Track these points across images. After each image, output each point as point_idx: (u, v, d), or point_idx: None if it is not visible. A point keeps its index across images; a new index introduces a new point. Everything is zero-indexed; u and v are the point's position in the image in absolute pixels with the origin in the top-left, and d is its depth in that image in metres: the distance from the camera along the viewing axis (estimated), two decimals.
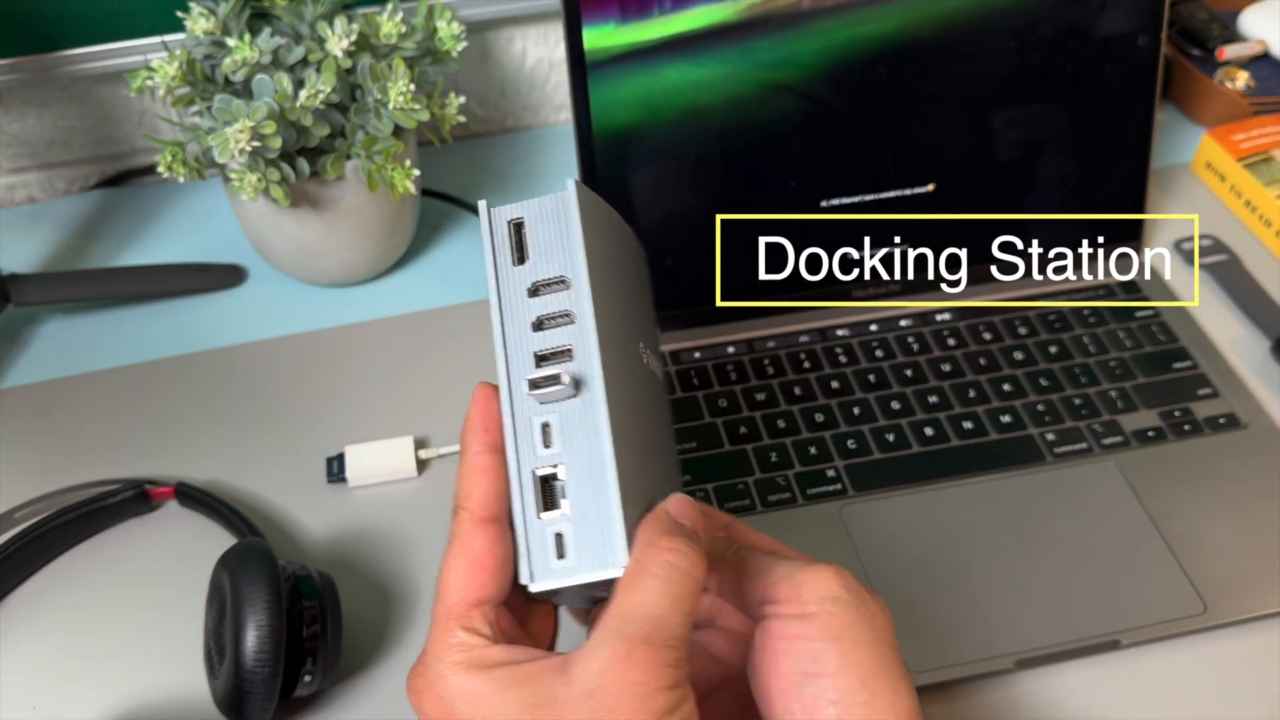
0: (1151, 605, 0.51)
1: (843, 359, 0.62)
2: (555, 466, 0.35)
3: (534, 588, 0.34)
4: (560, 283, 0.36)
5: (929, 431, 0.59)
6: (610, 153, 0.60)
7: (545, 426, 0.35)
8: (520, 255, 0.36)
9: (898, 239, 0.65)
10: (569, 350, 0.35)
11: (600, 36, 0.58)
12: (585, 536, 0.34)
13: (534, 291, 0.36)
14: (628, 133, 0.60)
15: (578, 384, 0.34)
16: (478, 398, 0.36)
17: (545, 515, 0.35)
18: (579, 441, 0.34)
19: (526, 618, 0.38)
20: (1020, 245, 0.66)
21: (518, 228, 0.37)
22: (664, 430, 0.41)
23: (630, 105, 0.59)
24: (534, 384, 0.34)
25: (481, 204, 0.37)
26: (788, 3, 0.58)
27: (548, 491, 0.35)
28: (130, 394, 0.63)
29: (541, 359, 0.35)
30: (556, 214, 0.36)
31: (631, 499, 0.34)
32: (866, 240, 0.64)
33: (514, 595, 0.35)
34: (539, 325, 0.36)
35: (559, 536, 0.34)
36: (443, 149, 0.71)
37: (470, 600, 0.34)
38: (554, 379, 0.34)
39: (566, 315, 0.35)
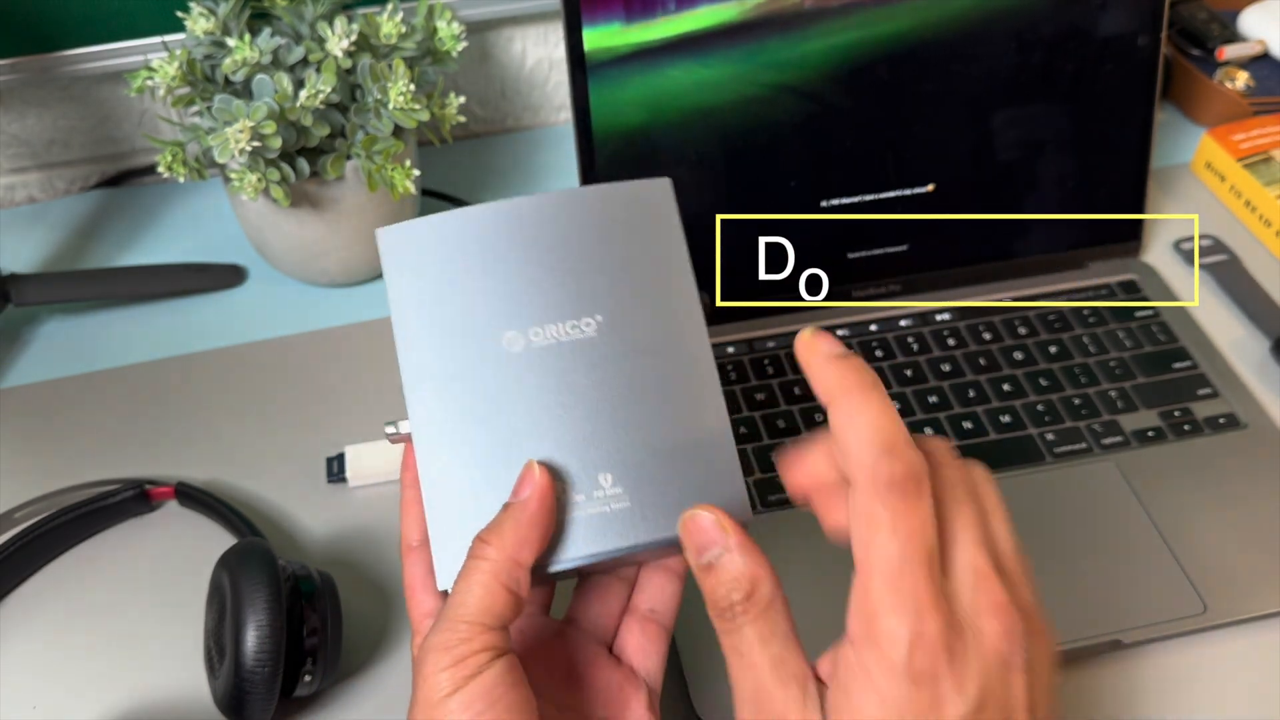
0: (1151, 605, 0.51)
1: None
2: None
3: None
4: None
5: (929, 431, 0.59)
6: (610, 153, 0.60)
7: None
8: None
9: (898, 239, 0.65)
10: None
11: (600, 37, 0.58)
12: (438, 557, 0.38)
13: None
14: (627, 133, 0.60)
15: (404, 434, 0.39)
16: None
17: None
18: (423, 474, 0.38)
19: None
20: (1020, 245, 0.66)
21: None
22: (630, 381, 0.40)
23: (630, 105, 0.59)
24: (388, 437, 0.40)
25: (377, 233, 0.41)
26: (787, 4, 0.58)
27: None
28: (130, 394, 0.63)
29: None
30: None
31: (464, 515, 0.37)
32: (866, 240, 0.65)
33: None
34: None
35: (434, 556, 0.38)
36: (443, 149, 0.71)
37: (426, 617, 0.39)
38: (391, 433, 0.40)
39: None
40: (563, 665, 0.41)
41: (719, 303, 0.63)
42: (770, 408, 0.60)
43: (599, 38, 0.58)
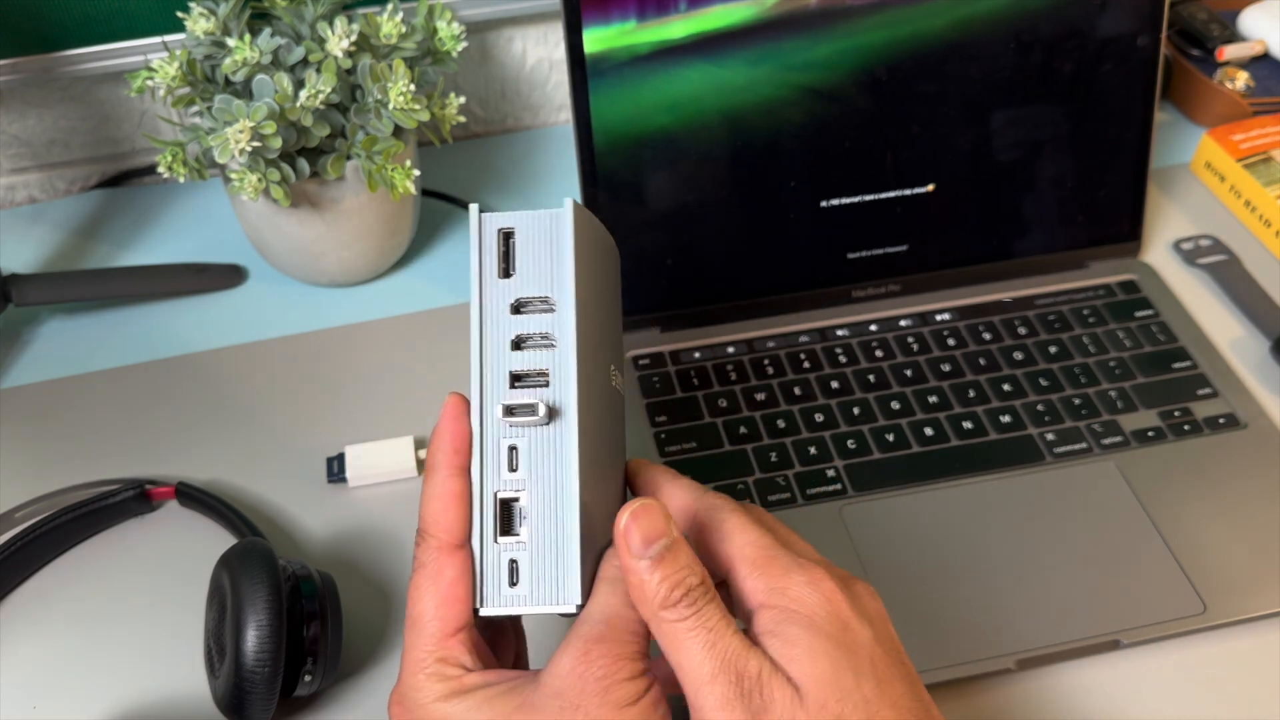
0: (1151, 605, 0.51)
1: (842, 359, 0.62)
2: (519, 492, 0.34)
3: (484, 612, 0.35)
4: (545, 303, 0.35)
5: (929, 431, 0.59)
6: (610, 152, 0.60)
7: (513, 450, 0.35)
8: (506, 268, 0.36)
9: (898, 239, 0.65)
10: (546, 375, 0.35)
11: (601, 38, 0.58)
12: (541, 568, 0.34)
13: (517, 308, 0.35)
14: (627, 132, 0.60)
15: (552, 413, 0.34)
16: (449, 411, 0.36)
17: (502, 540, 0.34)
18: (546, 471, 0.34)
19: (489, 625, 0.39)
20: (1020, 245, 0.67)
21: (507, 238, 0.36)
22: (620, 443, 0.40)
23: (630, 105, 0.59)
24: (509, 410, 0.34)
25: (473, 208, 0.36)
26: (791, 6, 0.58)
27: (506, 515, 0.35)
28: (130, 394, 0.63)
29: (517, 379, 0.35)
30: (550, 232, 0.35)
31: (591, 532, 0.34)
32: (866, 240, 0.65)
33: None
34: (518, 344, 0.35)
35: (514, 564, 0.34)
36: (443, 149, 0.71)
37: (446, 631, 0.35)
38: (530, 408, 0.34)
39: (548, 339, 0.35)
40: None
41: (719, 303, 0.63)
42: (770, 408, 0.60)
43: (597, 38, 0.58)
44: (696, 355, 0.63)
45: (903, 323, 0.65)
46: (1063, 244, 0.67)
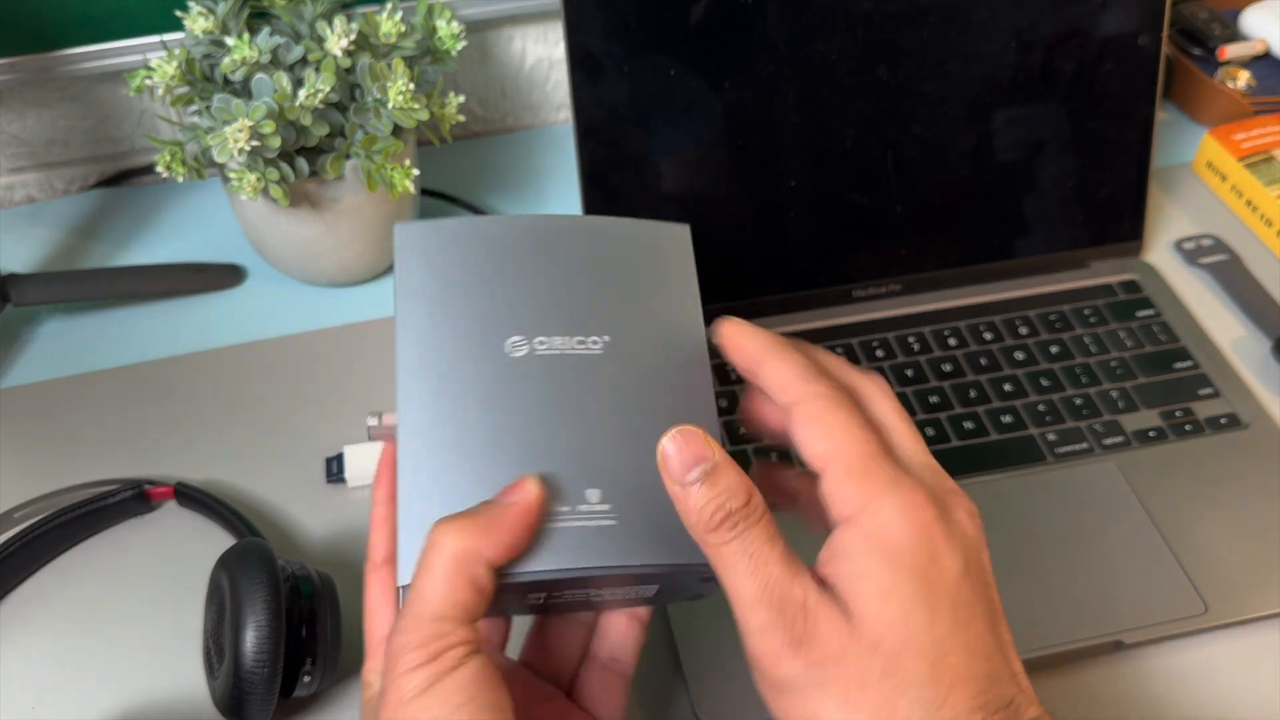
0: (1152, 605, 0.51)
1: None
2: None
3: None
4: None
5: (929, 431, 0.59)
6: (610, 152, 0.60)
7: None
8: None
9: (898, 239, 0.65)
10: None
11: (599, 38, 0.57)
12: (403, 552, 0.36)
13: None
14: (627, 132, 0.60)
15: (387, 429, 0.39)
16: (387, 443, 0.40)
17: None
18: (402, 467, 0.38)
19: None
20: (1021, 245, 0.66)
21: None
22: (616, 402, 0.40)
23: (629, 104, 0.59)
24: (369, 430, 0.40)
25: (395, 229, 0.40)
26: (793, 3, 0.58)
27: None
28: (130, 394, 0.63)
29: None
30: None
31: (441, 511, 0.36)
32: (866, 240, 0.64)
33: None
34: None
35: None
36: (442, 149, 0.71)
37: (370, 641, 0.39)
38: (373, 425, 0.40)
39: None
40: (520, 703, 0.39)
41: (719, 303, 0.63)
42: None
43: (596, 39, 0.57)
44: None
45: (903, 323, 0.64)
46: (1064, 244, 0.67)
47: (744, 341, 0.38)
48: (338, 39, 0.58)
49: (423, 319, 0.39)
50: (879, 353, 0.63)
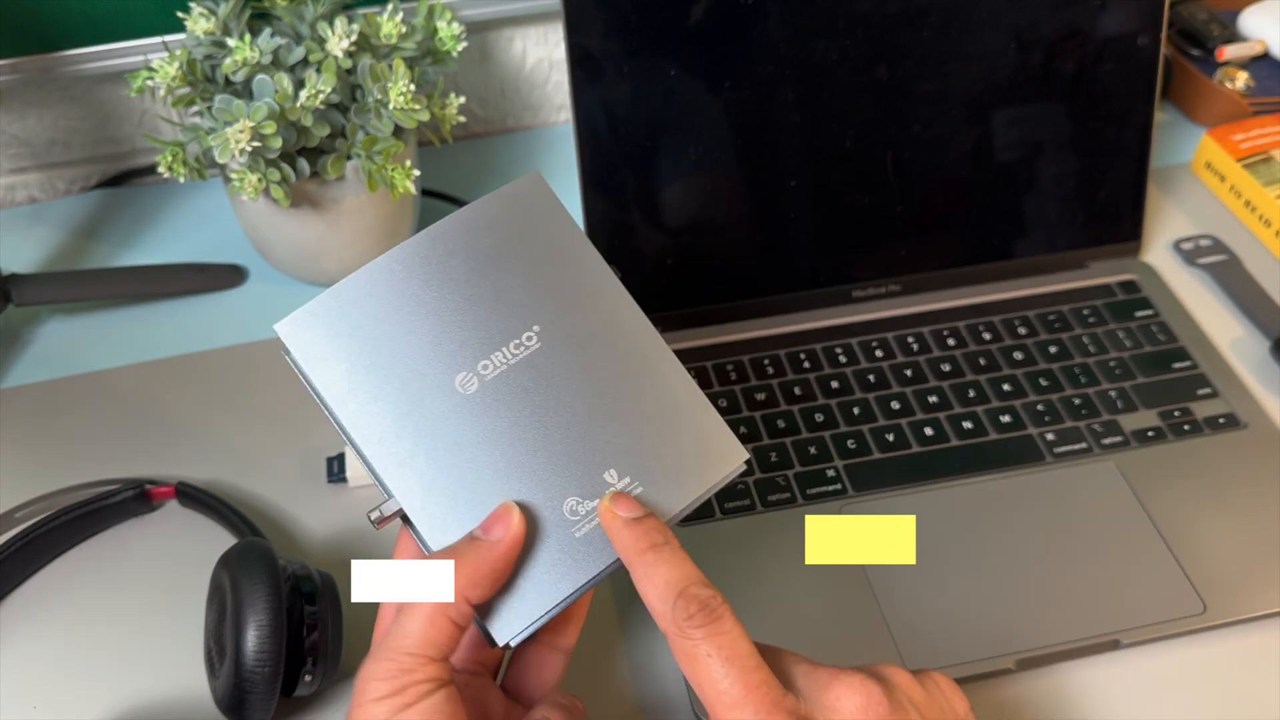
0: (1151, 605, 0.51)
1: (842, 359, 0.62)
2: None
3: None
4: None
5: (929, 431, 0.59)
6: (610, 152, 0.60)
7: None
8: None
9: (898, 239, 0.65)
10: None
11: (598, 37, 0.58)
12: None
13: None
14: (627, 132, 0.60)
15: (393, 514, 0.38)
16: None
17: None
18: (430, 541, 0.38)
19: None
20: (1020, 245, 0.66)
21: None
22: (583, 406, 0.40)
23: (629, 105, 0.59)
24: (373, 524, 0.38)
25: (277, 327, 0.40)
26: (794, 3, 0.58)
27: None
28: (130, 394, 0.63)
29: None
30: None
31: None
32: (866, 240, 0.65)
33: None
34: None
35: None
36: (443, 149, 0.71)
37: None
38: (375, 518, 0.38)
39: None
40: None
41: (719, 303, 0.63)
42: (770, 408, 0.60)
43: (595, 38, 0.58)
44: (696, 355, 0.63)
45: (903, 323, 0.64)
46: (1063, 244, 0.67)
47: (615, 536, 0.37)
48: (339, 40, 0.58)
49: (362, 405, 0.38)
50: (879, 353, 0.63)
